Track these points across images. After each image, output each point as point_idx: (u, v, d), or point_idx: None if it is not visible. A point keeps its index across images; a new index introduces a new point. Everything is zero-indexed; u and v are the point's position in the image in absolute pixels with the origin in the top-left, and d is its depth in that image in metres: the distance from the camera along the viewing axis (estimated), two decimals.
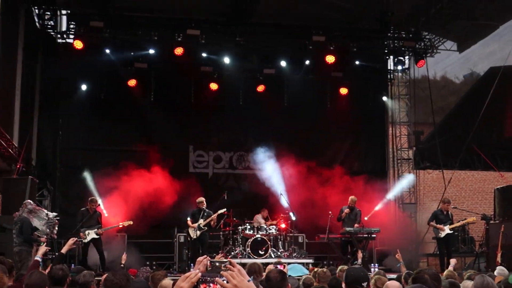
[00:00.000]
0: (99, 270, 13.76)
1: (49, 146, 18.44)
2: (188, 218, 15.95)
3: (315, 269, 9.69)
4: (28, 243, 11.92)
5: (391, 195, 19.11)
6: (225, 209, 16.11)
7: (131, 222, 15.17)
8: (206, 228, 15.72)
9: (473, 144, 18.00)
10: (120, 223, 15.21)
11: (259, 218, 17.14)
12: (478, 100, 18.04)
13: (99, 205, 15.20)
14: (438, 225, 15.29)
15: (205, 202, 15.94)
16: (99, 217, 14.77)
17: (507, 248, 14.54)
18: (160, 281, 6.42)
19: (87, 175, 17.27)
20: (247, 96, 19.79)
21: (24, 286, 5.92)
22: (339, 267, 8.98)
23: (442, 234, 15.23)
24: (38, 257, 8.14)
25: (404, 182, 19.97)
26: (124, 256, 10.26)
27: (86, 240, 14.25)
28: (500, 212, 16.64)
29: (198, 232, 15.59)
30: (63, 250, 8.94)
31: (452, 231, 15.51)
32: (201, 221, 15.59)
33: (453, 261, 10.34)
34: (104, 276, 5.40)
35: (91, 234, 14.35)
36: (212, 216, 15.74)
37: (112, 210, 16.03)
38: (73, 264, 14.09)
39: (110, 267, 13.80)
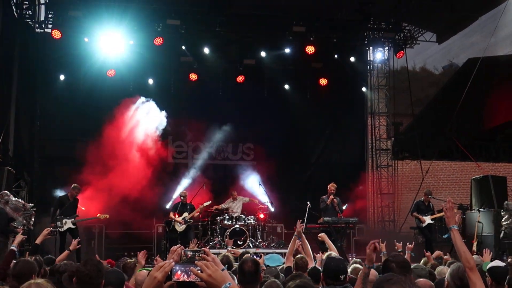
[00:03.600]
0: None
1: (26, 136, 18.27)
2: (171, 212, 15.99)
3: (293, 258, 9.68)
4: (4, 234, 11.80)
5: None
6: (209, 202, 16.16)
7: (107, 216, 14.85)
8: (191, 221, 15.80)
9: (451, 135, 18.15)
10: (98, 215, 14.88)
11: (229, 203, 17.11)
12: (457, 92, 18.15)
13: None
14: (421, 216, 15.67)
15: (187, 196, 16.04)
16: (77, 205, 14.55)
17: (483, 237, 14.80)
18: (132, 270, 6.43)
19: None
20: (226, 87, 19.72)
21: (10, 276, 5.78)
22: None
23: (424, 224, 15.65)
24: (13, 247, 7.99)
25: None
26: (75, 242, 9.54)
27: (63, 229, 13.99)
28: (476, 202, 16.86)
29: (184, 226, 15.60)
30: (38, 241, 8.85)
31: (433, 221, 15.88)
32: (185, 214, 15.60)
33: (437, 253, 10.41)
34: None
35: (68, 224, 14.05)
36: (198, 209, 15.85)
37: (89, 201, 15.84)
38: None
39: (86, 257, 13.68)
